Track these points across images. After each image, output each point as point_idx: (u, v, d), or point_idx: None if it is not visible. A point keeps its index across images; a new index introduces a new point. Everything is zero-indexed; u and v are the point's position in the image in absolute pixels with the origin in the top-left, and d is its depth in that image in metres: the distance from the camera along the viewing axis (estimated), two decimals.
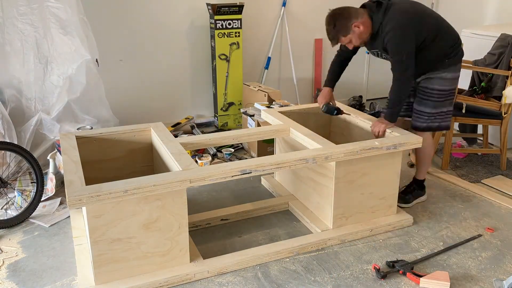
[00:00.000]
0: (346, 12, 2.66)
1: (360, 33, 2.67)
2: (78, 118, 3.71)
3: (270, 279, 2.38)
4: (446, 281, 2.30)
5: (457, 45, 2.84)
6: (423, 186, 3.19)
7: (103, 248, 2.18)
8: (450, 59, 2.80)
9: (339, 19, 2.64)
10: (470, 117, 3.59)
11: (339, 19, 2.64)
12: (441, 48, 2.77)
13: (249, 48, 4.85)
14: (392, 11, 2.64)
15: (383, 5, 2.66)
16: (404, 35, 2.63)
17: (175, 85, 4.67)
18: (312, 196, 2.89)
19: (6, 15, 3.48)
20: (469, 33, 4.37)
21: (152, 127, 2.90)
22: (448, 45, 2.79)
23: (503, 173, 3.64)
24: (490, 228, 2.85)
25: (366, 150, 2.59)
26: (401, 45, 2.65)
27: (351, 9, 2.68)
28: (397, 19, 2.63)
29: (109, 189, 2.08)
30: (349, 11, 2.66)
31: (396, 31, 2.62)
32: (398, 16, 2.63)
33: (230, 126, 4.76)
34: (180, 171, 2.30)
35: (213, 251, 2.60)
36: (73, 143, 2.65)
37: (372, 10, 2.68)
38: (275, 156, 2.53)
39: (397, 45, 2.65)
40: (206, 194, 3.31)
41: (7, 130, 3.40)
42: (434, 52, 2.76)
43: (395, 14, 2.63)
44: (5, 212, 2.99)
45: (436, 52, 2.76)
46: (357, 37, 2.69)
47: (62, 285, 2.35)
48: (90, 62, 3.60)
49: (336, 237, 2.67)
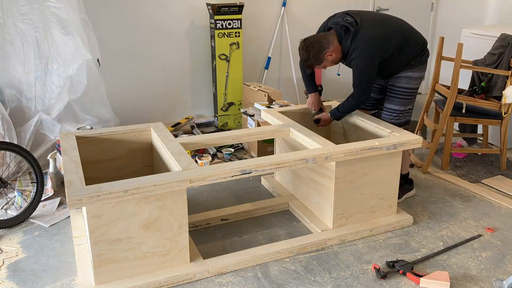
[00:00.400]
0: (318, 44, 2.78)
1: (333, 59, 2.84)
2: (79, 118, 3.71)
3: (270, 279, 2.38)
4: (446, 281, 2.30)
5: (424, 47, 2.98)
6: (410, 180, 3.26)
7: (103, 248, 2.18)
8: (416, 61, 2.94)
9: (312, 51, 2.79)
10: (470, 117, 3.59)
11: (313, 52, 2.79)
12: (408, 55, 2.92)
13: (249, 48, 4.85)
14: (359, 38, 2.76)
15: (350, 31, 2.77)
16: (368, 63, 2.79)
17: (175, 85, 4.67)
18: (312, 196, 2.89)
19: (6, 15, 3.48)
20: (469, 33, 4.37)
21: (152, 127, 2.90)
22: (415, 50, 2.94)
23: (503, 173, 3.64)
24: (490, 228, 2.85)
25: (366, 150, 2.59)
26: (364, 70, 2.80)
27: (322, 40, 2.80)
28: (363, 48, 2.76)
29: (109, 189, 2.08)
30: (321, 43, 2.79)
31: (361, 58, 2.77)
32: (365, 44, 2.75)
33: (230, 126, 4.76)
34: (180, 171, 2.30)
35: (213, 251, 2.60)
36: (73, 143, 2.65)
37: (341, 35, 2.79)
38: (275, 156, 2.53)
39: (360, 71, 2.81)
40: (206, 194, 3.31)
41: (7, 130, 3.40)
42: (402, 58, 2.91)
43: (362, 42, 2.76)
44: (5, 212, 2.99)
45: (403, 58, 2.92)
46: (330, 62, 2.87)
47: (62, 285, 2.35)
48: (91, 62, 3.60)
49: (336, 237, 2.67)
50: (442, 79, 3.95)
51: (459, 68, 3.46)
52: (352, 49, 2.78)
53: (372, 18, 2.90)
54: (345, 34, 2.78)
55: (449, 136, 3.62)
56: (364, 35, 2.75)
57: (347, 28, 2.77)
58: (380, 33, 2.80)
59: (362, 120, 3.05)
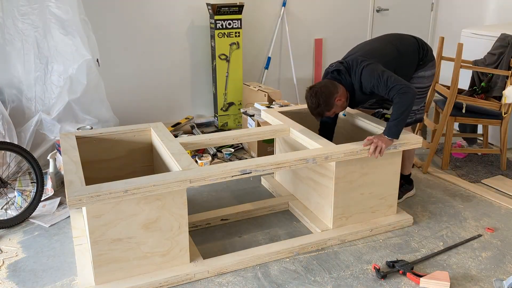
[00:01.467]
0: (327, 90, 2.69)
1: (342, 103, 2.76)
2: (79, 118, 3.71)
3: (270, 279, 2.38)
4: (446, 281, 2.30)
5: (421, 45, 2.92)
6: (410, 180, 3.25)
7: (103, 248, 2.18)
8: (423, 60, 2.91)
9: (322, 97, 2.67)
10: (470, 117, 3.59)
11: (322, 97, 2.67)
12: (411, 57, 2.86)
13: (249, 48, 4.85)
14: (352, 66, 2.73)
15: (342, 71, 2.74)
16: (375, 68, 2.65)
17: (175, 85, 4.67)
18: (312, 196, 2.89)
19: (6, 15, 3.48)
20: (469, 33, 4.37)
21: (152, 127, 2.90)
22: (415, 53, 2.87)
23: (503, 173, 3.64)
24: (490, 228, 2.85)
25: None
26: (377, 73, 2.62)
27: (330, 85, 2.71)
28: (358, 65, 2.70)
29: (109, 189, 2.08)
30: (329, 88, 2.70)
31: (367, 70, 2.65)
32: (362, 60, 2.71)
33: (230, 126, 4.76)
34: (180, 171, 2.30)
35: (213, 251, 2.60)
36: (73, 143, 2.65)
37: (338, 78, 2.75)
38: (275, 156, 2.53)
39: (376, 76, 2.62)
40: (206, 194, 3.31)
41: (7, 130, 3.40)
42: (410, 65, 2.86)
43: (355, 64, 2.72)
44: (5, 212, 2.99)
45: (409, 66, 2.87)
46: (340, 107, 2.78)
47: (62, 285, 2.35)
48: (90, 62, 3.60)
49: (336, 237, 2.67)
50: (442, 79, 3.95)
51: (459, 68, 3.46)
52: (353, 78, 2.72)
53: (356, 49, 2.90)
54: (339, 76, 2.75)
55: (449, 136, 3.62)
56: (354, 61, 2.73)
57: (338, 70, 2.75)
58: (370, 51, 2.80)
59: (362, 120, 3.05)
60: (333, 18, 5.25)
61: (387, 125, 2.63)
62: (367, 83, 2.67)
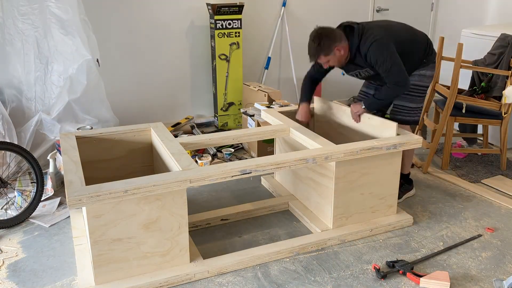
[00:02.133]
0: (332, 34, 2.74)
1: (340, 57, 2.80)
2: (79, 118, 3.71)
3: (270, 279, 2.38)
4: (446, 281, 2.30)
5: (429, 45, 2.99)
6: (410, 180, 3.25)
7: (103, 248, 2.18)
8: (427, 59, 2.97)
9: (325, 38, 2.72)
10: (470, 117, 3.59)
11: (324, 39, 2.71)
12: (419, 54, 2.94)
13: (249, 48, 4.85)
14: (367, 31, 2.77)
15: (355, 30, 2.77)
16: (384, 47, 2.73)
17: (175, 85, 4.67)
18: (312, 196, 2.89)
19: (6, 15, 3.49)
20: (469, 33, 4.37)
21: (152, 127, 2.90)
22: (423, 47, 2.95)
23: (503, 173, 3.64)
24: (490, 228, 2.85)
25: (366, 150, 2.59)
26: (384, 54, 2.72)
27: (336, 32, 2.77)
28: (374, 36, 2.74)
29: (109, 189, 2.08)
30: (335, 33, 2.75)
31: (375, 45, 2.73)
32: (375, 33, 2.76)
33: (230, 126, 4.76)
34: (180, 171, 2.30)
35: (213, 251, 2.60)
36: (73, 143, 2.65)
37: (347, 34, 2.78)
38: (275, 156, 2.53)
39: (380, 56, 2.72)
40: (206, 194, 3.31)
41: (7, 130, 3.40)
42: (415, 58, 2.92)
43: (370, 33, 2.76)
44: (5, 212, 2.99)
45: (416, 57, 2.92)
46: (336, 60, 2.80)
47: (62, 285, 2.35)
48: (90, 62, 3.60)
49: (336, 237, 2.67)
50: (442, 79, 3.95)
51: (459, 68, 3.46)
52: (361, 44, 2.75)
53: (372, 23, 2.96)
54: (351, 32, 2.78)
55: (449, 136, 3.62)
56: (370, 28, 2.78)
57: (351, 27, 2.78)
58: (386, 26, 2.87)
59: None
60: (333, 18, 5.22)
61: (370, 99, 2.89)
62: (372, 56, 2.74)
